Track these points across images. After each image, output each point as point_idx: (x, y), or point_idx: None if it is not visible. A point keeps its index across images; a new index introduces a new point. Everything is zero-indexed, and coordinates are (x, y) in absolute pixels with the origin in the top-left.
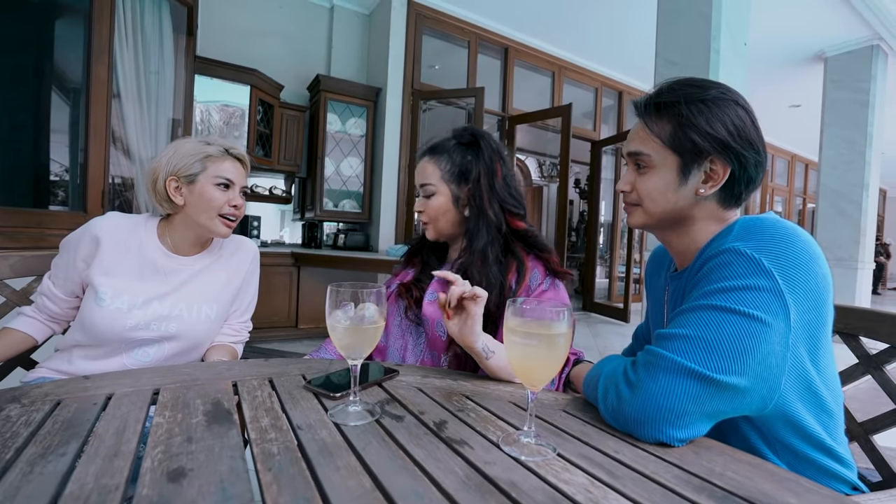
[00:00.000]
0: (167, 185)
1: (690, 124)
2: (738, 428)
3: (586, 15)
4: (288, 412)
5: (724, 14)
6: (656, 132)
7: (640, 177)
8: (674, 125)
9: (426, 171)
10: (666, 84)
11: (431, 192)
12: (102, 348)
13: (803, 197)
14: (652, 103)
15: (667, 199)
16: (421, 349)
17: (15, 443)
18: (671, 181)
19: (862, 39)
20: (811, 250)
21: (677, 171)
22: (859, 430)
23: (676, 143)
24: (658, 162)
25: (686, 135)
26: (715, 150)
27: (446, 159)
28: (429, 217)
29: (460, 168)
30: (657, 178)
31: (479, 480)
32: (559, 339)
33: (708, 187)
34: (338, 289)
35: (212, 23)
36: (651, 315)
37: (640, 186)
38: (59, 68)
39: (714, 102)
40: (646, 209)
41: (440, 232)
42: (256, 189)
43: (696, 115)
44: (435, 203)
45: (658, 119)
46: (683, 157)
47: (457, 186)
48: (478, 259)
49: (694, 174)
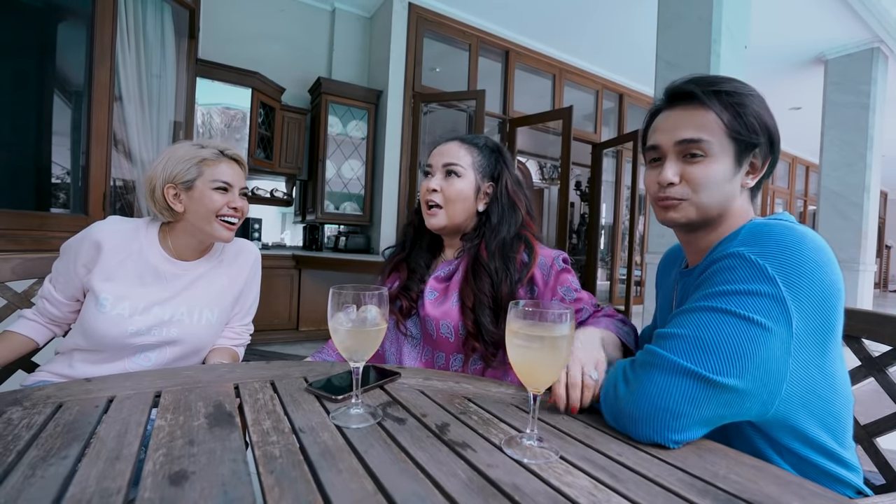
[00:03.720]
0: (165, 192)
1: (751, 112)
2: (742, 431)
3: (587, 18)
4: (290, 415)
5: (724, 17)
6: (718, 115)
7: (693, 166)
8: (733, 112)
9: (457, 152)
10: (699, 77)
11: (459, 172)
12: (103, 353)
13: (804, 199)
14: (711, 90)
15: (722, 190)
16: (418, 353)
17: (17, 446)
18: (728, 171)
19: (862, 42)
20: (818, 258)
21: (734, 159)
22: (862, 432)
23: (735, 130)
24: (718, 150)
25: (748, 122)
26: (765, 141)
27: (477, 152)
28: (445, 197)
29: (490, 165)
30: (717, 167)
31: (482, 483)
32: (561, 341)
33: (751, 178)
34: (340, 291)
35: (213, 26)
36: (659, 313)
37: (694, 176)
38: (61, 71)
39: (757, 98)
40: (698, 202)
41: (451, 217)
42: (258, 191)
43: (752, 104)
44: (459, 185)
45: (716, 104)
46: (739, 146)
47: (481, 178)
48: (496, 249)
49: (744, 165)
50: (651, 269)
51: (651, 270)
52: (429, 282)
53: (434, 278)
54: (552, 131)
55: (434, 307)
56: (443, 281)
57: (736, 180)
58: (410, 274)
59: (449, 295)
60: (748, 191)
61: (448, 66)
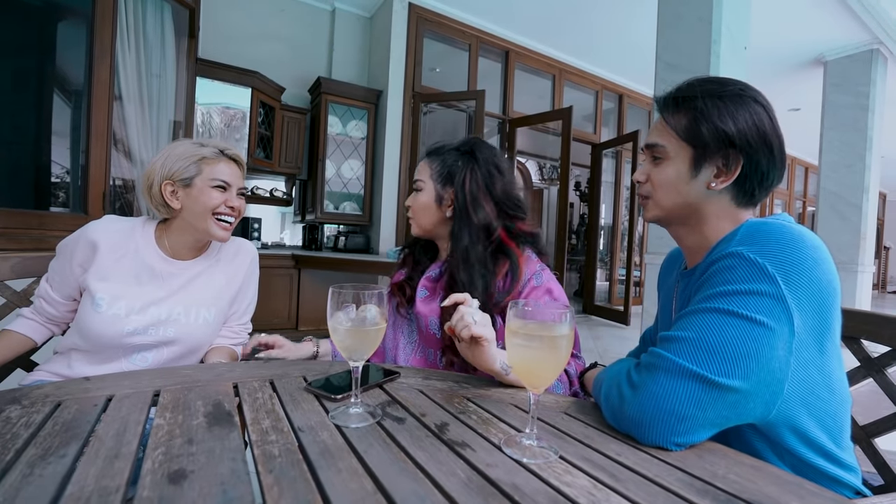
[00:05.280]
0: (163, 189)
1: (704, 118)
2: (741, 432)
3: (587, 18)
4: (289, 414)
5: (724, 18)
6: (672, 125)
7: (655, 168)
8: (689, 119)
9: (421, 168)
10: (687, 81)
11: (419, 187)
12: (101, 353)
13: (803, 200)
14: (671, 98)
15: (678, 190)
16: (413, 346)
17: (15, 444)
18: (683, 173)
19: (862, 44)
20: (817, 256)
21: (690, 163)
22: (861, 433)
23: (690, 135)
24: (672, 153)
25: (699, 128)
26: (726, 145)
27: (439, 161)
28: (413, 211)
29: (449, 170)
30: (670, 169)
31: (482, 483)
32: (561, 340)
33: (719, 182)
34: (340, 290)
35: (213, 25)
36: (661, 314)
37: (653, 177)
38: (60, 70)
39: (731, 99)
40: (657, 201)
41: (421, 227)
42: (257, 191)
43: (710, 109)
44: (420, 198)
45: (676, 113)
46: (696, 150)
47: (441, 186)
48: (460, 259)
49: (706, 168)
50: (650, 269)
51: (650, 271)
52: (421, 281)
53: (426, 278)
54: (552, 132)
55: (423, 304)
56: (433, 281)
57: (696, 182)
58: (415, 265)
59: (437, 294)
60: (729, 194)
61: (448, 67)
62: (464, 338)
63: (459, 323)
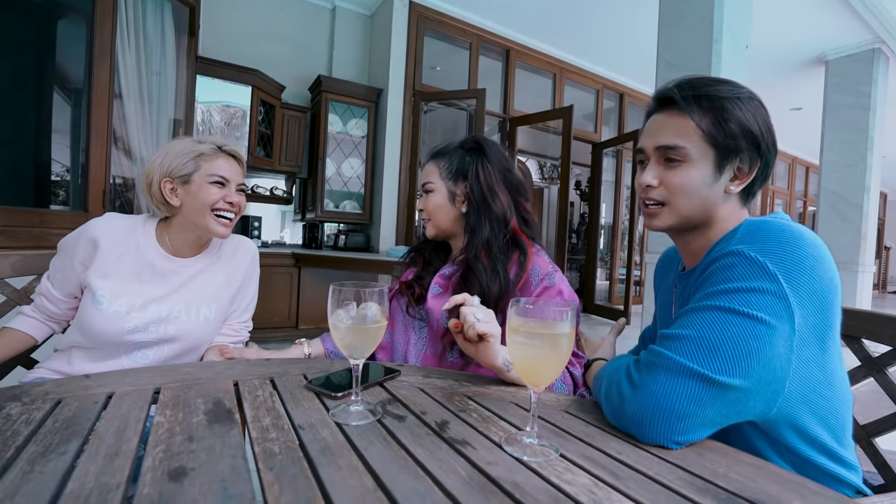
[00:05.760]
0: (162, 186)
1: (732, 118)
2: (741, 430)
3: (588, 17)
4: (289, 412)
5: (725, 17)
6: (697, 122)
7: (671, 171)
8: (712, 118)
9: (429, 170)
10: (689, 79)
11: (430, 188)
12: (101, 350)
13: (804, 200)
14: (691, 95)
15: (701, 195)
16: (424, 344)
17: (15, 441)
18: (707, 176)
19: (863, 43)
20: (817, 254)
21: (713, 165)
22: (861, 432)
23: (715, 136)
24: (695, 155)
25: (727, 128)
26: (749, 147)
27: (446, 160)
28: (428, 213)
29: (458, 167)
30: (694, 173)
31: (482, 481)
32: (562, 338)
33: (736, 185)
34: (340, 288)
35: (213, 23)
36: (659, 315)
37: (672, 181)
38: (61, 68)
39: (747, 101)
40: (676, 207)
41: (438, 227)
42: (257, 189)
43: (736, 109)
44: (434, 199)
45: (699, 111)
46: (718, 152)
47: (453, 183)
48: (481, 250)
49: (726, 170)
50: (650, 268)
51: (650, 270)
52: (435, 278)
53: (440, 275)
54: (552, 131)
55: (434, 300)
56: (447, 278)
57: (717, 186)
58: (426, 265)
59: (450, 290)
60: (738, 196)
61: (448, 65)
62: (471, 337)
63: (464, 324)
